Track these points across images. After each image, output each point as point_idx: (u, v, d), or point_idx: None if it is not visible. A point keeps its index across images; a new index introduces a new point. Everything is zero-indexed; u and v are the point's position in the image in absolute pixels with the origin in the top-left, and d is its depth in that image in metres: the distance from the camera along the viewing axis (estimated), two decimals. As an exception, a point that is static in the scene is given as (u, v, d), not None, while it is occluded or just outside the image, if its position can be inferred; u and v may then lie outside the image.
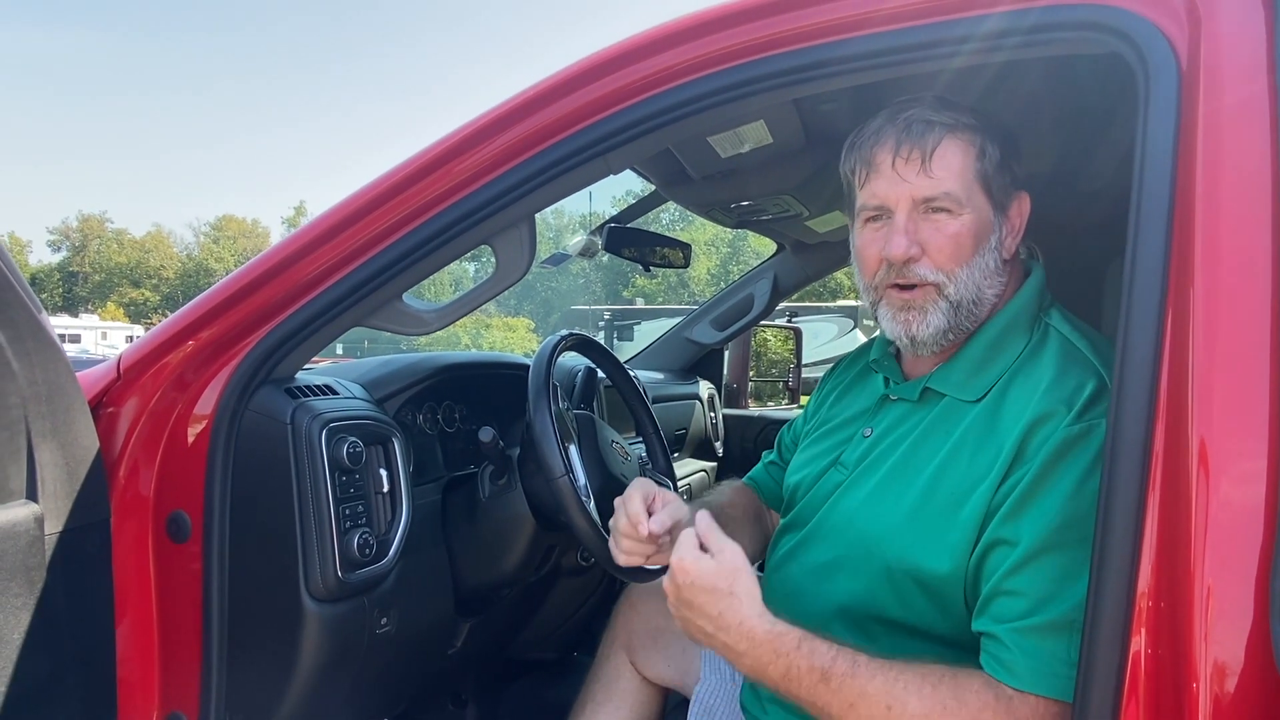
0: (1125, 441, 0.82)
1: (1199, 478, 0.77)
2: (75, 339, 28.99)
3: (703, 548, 1.02)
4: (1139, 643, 0.79)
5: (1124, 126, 1.48)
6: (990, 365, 1.10)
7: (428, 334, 1.26)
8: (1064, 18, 0.92)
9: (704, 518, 1.04)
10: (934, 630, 1.05)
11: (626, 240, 2.06)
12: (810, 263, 2.54)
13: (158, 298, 61.99)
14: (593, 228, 2.12)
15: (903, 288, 1.11)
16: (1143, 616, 0.79)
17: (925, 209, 1.08)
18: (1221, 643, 0.75)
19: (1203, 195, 0.82)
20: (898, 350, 1.23)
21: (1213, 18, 0.85)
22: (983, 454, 1.02)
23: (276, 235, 67.21)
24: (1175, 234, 0.83)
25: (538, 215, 1.21)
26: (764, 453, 1.53)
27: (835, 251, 2.45)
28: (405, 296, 1.24)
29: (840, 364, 1.42)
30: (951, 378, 1.12)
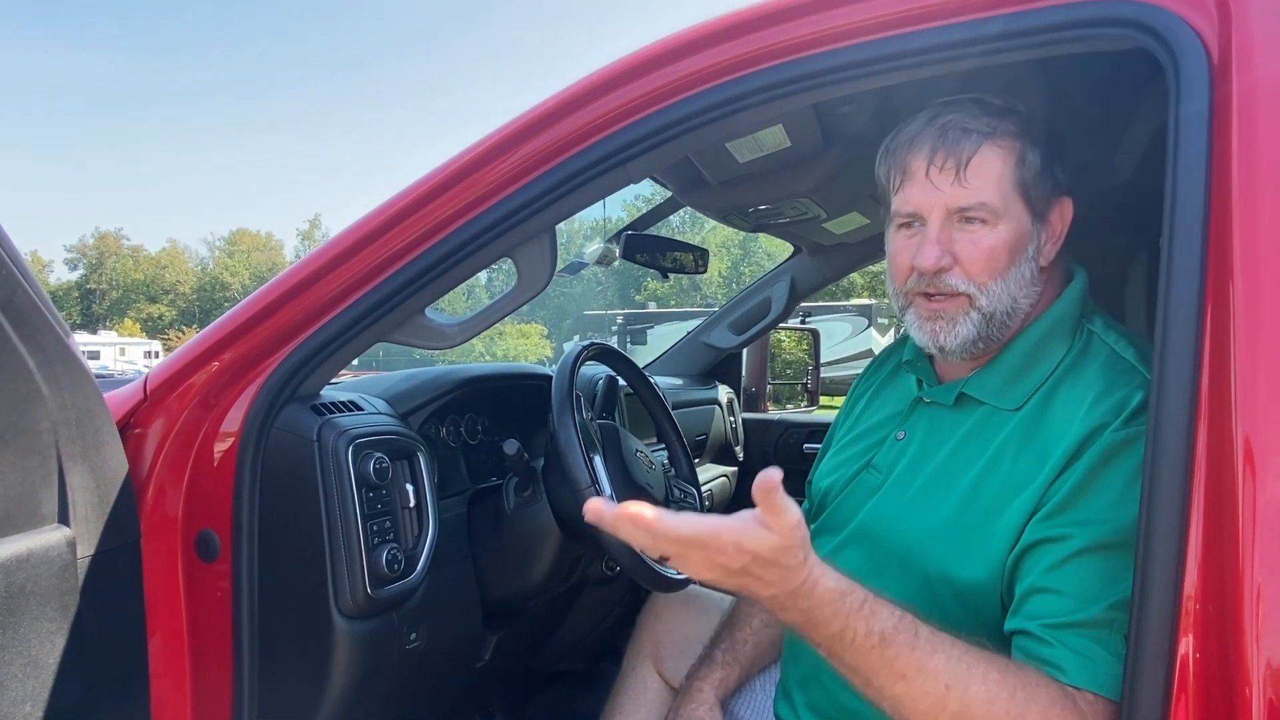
0: (1167, 443, 0.80)
1: (1245, 477, 0.75)
2: (94, 355, 29.35)
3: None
4: (1187, 646, 0.78)
5: (1146, 121, 1.47)
6: (1029, 372, 1.08)
7: (451, 347, 1.25)
8: (1089, 14, 0.91)
9: (761, 478, 0.82)
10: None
11: (644, 247, 2.06)
12: (827, 264, 2.52)
13: (174, 312, 62.64)
14: (607, 234, 2.12)
15: (931, 296, 1.09)
16: (1190, 620, 0.78)
17: (959, 219, 1.05)
18: (1274, 646, 0.73)
19: (1239, 190, 0.80)
20: None
21: (1243, 10, 0.84)
22: (1024, 462, 1.01)
23: (290, 248, 67.79)
24: (1212, 230, 0.81)
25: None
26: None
27: (853, 253, 2.44)
28: (428, 311, 1.24)
29: (869, 367, 1.41)
30: (989, 384, 1.10)
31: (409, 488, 1.29)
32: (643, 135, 1.09)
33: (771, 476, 0.78)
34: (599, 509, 0.79)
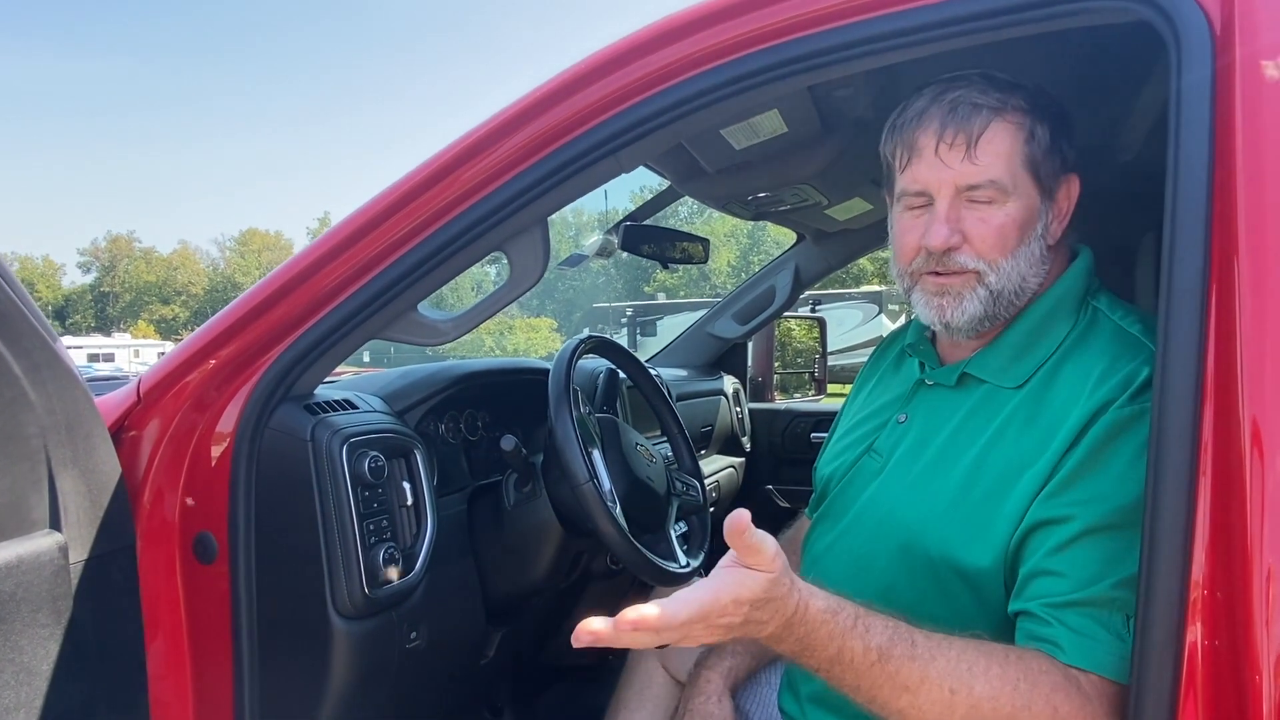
0: (1172, 426, 0.78)
1: (1252, 459, 0.74)
2: (109, 358, 29.59)
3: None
4: (1195, 633, 0.76)
5: (1153, 96, 1.43)
6: (1032, 350, 1.06)
7: (445, 344, 1.24)
8: None
9: (730, 522, 0.83)
10: (974, 629, 1.02)
11: (643, 238, 2.03)
12: (831, 252, 2.49)
13: (187, 313, 63.06)
14: (610, 226, 2.10)
15: (939, 273, 1.07)
16: (1198, 607, 0.76)
17: (968, 196, 1.03)
18: (1284, 634, 0.71)
19: (1243, 162, 0.78)
20: (934, 334, 1.20)
21: (1245, -22, 0.81)
22: (1028, 440, 0.99)
23: (300, 247, 67.97)
24: (1216, 205, 0.79)
25: (555, 214, 1.18)
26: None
27: (856, 239, 2.41)
28: (421, 307, 1.22)
29: (874, 355, 1.39)
30: (991, 363, 1.09)
31: (406, 486, 1.28)
32: (632, 123, 1.07)
33: (740, 519, 0.79)
34: (594, 631, 0.78)
